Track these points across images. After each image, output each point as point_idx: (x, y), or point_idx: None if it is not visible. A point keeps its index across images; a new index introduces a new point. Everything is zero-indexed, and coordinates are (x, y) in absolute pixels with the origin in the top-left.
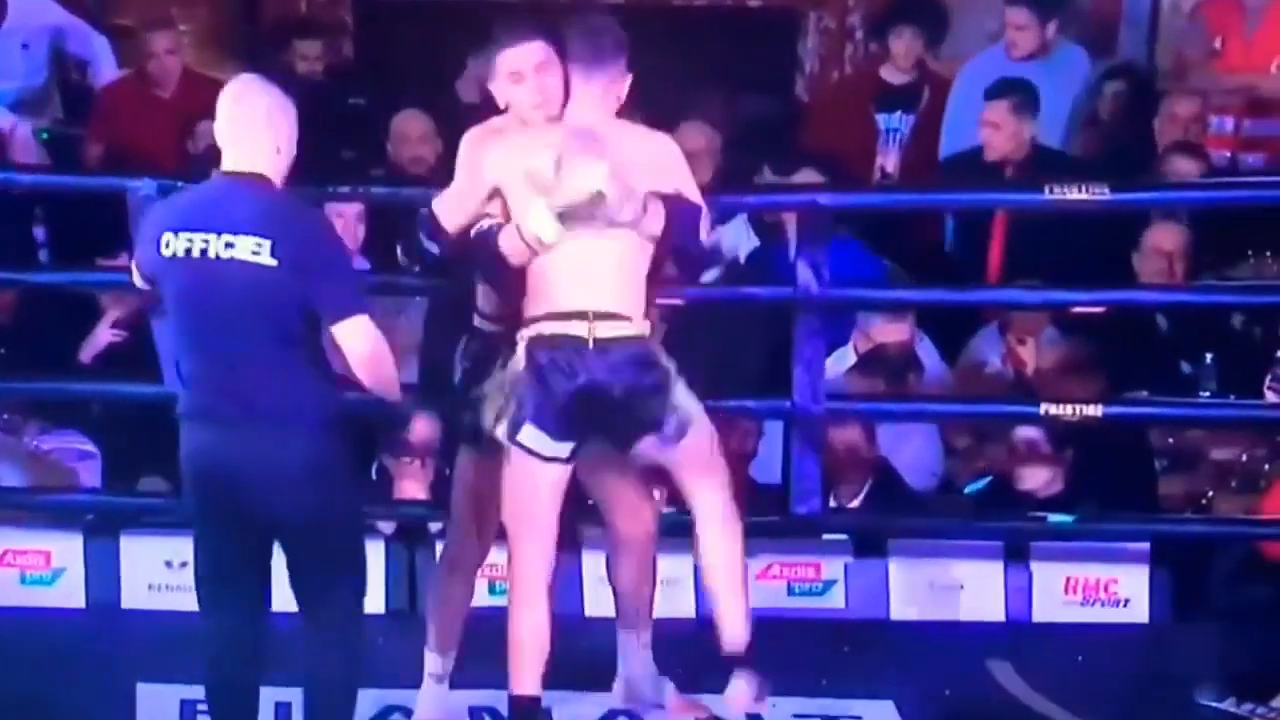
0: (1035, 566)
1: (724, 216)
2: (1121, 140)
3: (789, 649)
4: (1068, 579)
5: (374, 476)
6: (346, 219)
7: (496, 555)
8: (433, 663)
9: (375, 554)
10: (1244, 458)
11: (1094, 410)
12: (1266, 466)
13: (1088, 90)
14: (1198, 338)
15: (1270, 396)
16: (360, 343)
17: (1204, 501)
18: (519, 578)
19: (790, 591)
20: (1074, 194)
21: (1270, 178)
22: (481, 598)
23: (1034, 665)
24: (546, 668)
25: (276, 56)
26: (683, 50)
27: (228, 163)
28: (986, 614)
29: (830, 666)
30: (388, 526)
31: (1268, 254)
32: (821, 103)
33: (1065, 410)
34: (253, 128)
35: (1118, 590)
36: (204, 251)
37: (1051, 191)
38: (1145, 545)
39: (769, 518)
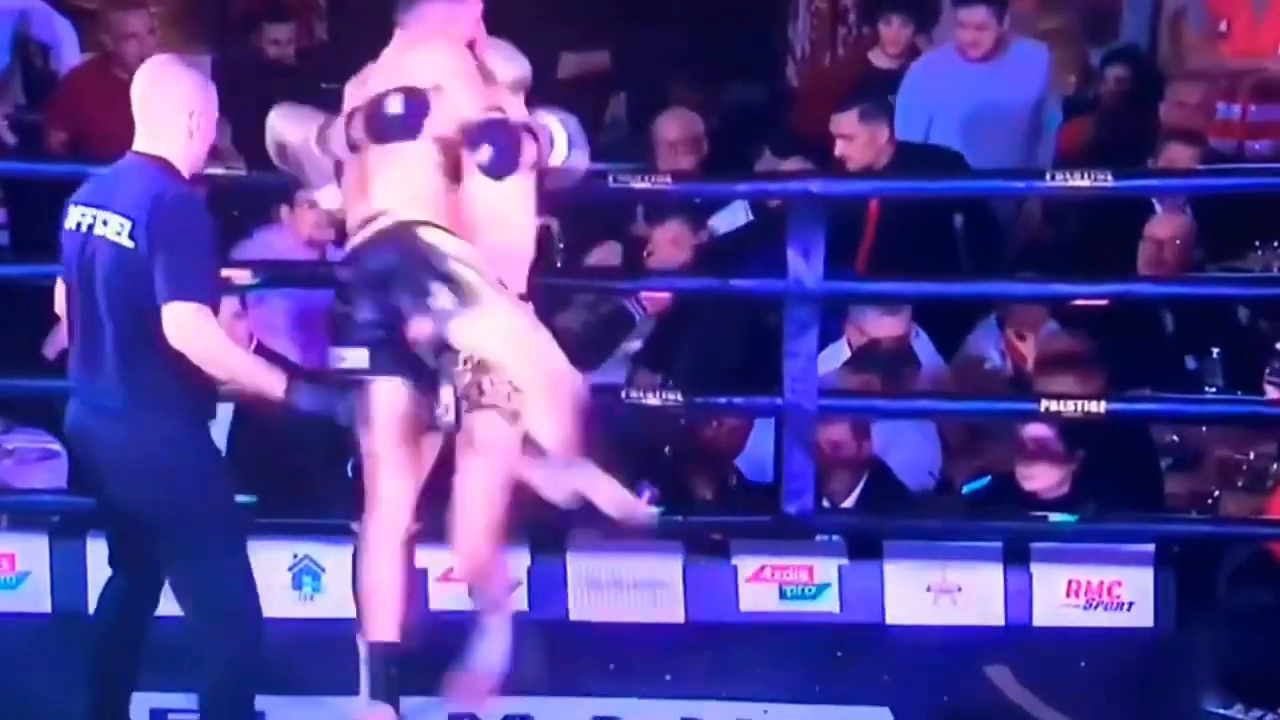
0: (1036, 568)
1: (717, 203)
2: (1122, 127)
3: (781, 654)
4: (1069, 581)
5: (350, 474)
6: (319, 209)
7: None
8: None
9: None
10: (1251, 455)
11: (1096, 406)
12: (1274, 465)
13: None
14: (1203, 332)
15: (1270, 391)
16: (177, 331)
17: (1210, 501)
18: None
19: (782, 595)
20: (1078, 180)
21: (1272, 164)
22: None
23: (1034, 670)
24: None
25: (247, 39)
26: (668, 32)
27: (136, 143)
28: (985, 618)
29: (824, 672)
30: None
31: (1275, 244)
32: (810, 89)
33: (1066, 407)
34: (161, 110)
35: (1121, 593)
36: (90, 227)
37: (1054, 178)
38: (1149, 547)
39: (760, 518)
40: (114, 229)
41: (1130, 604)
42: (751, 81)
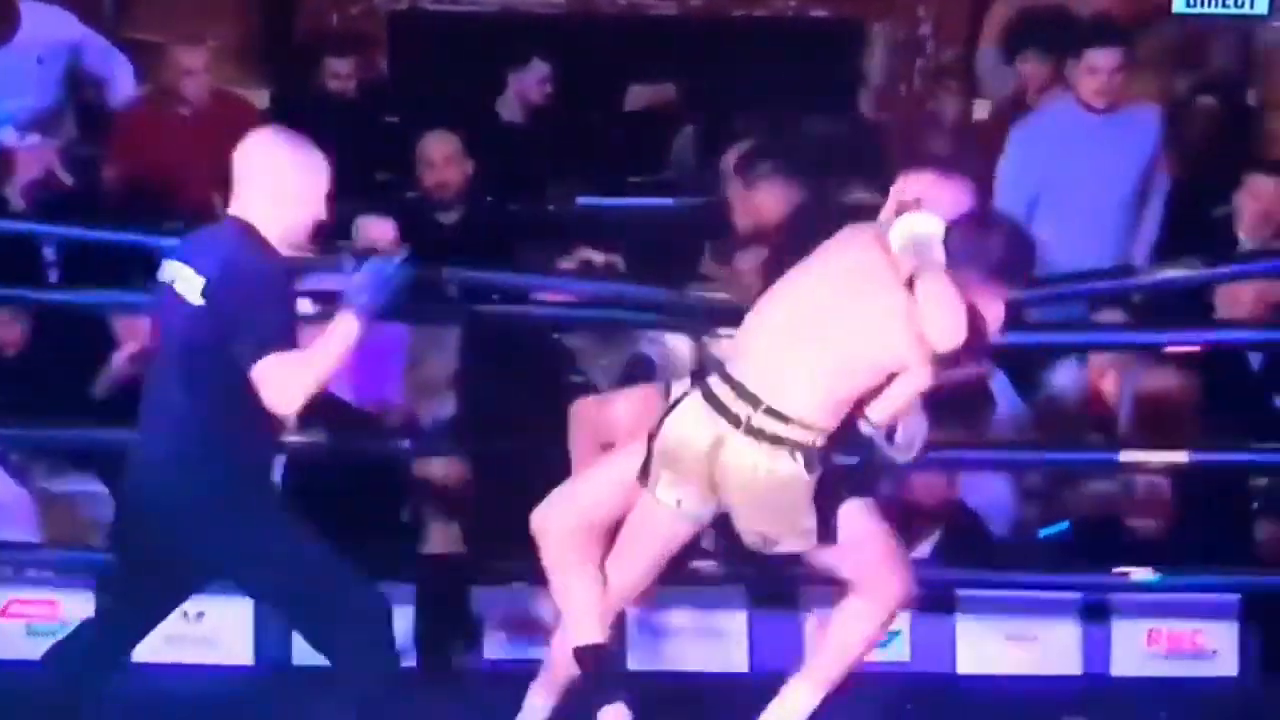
0: (1116, 619)
1: None
2: (1208, 161)
3: (849, 705)
4: (1150, 630)
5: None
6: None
7: None
8: None
9: (405, 606)
10: None
11: (1179, 457)
12: None
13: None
14: None
15: None
16: (270, 394)
17: None
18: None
19: None
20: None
21: None
22: None
23: None
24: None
25: (307, 74)
26: (734, 62)
27: (231, 205)
28: (1062, 668)
29: None
30: None
31: None
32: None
33: (1148, 458)
34: (250, 177)
35: (1204, 642)
36: (173, 281)
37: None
38: (1235, 596)
39: None
40: (189, 285)
41: (1214, 652)
42: (825, 113)
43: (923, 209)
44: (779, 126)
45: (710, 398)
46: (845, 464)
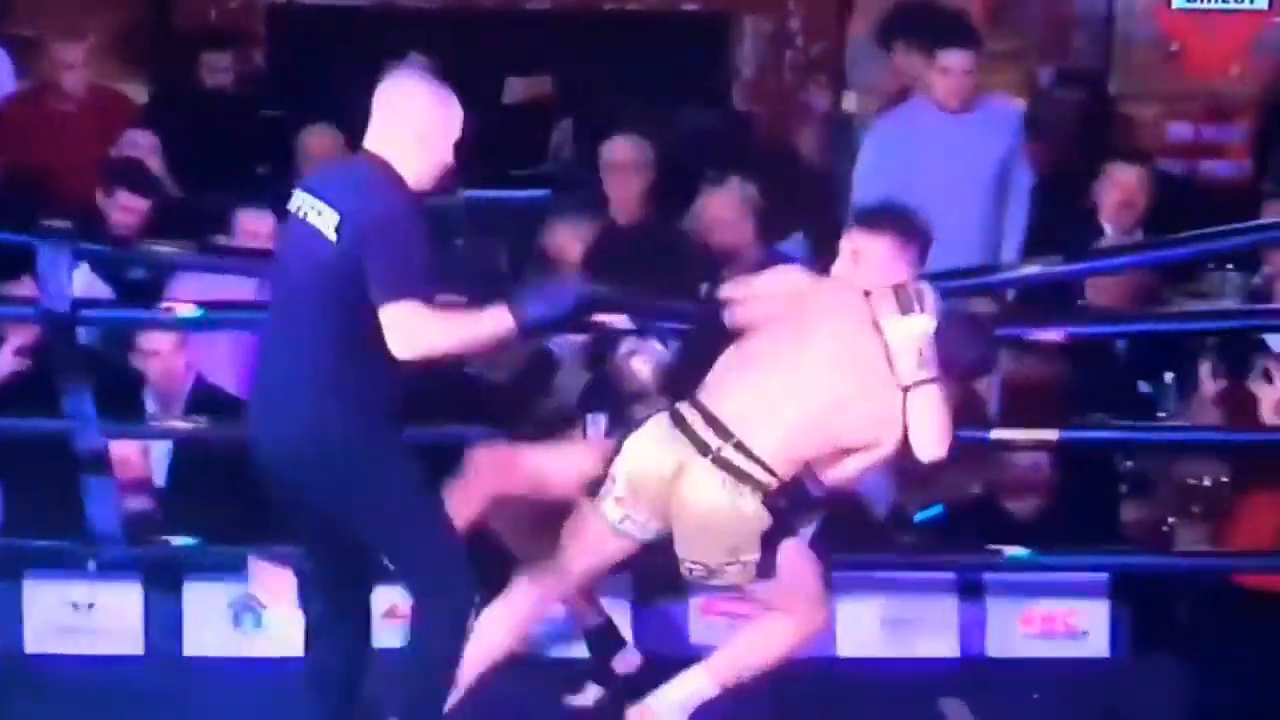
0: (990, 599)
1: None
2: (1072, 149)
3: (727, 690)
4: (1024, 612)
5: None
6: (261, 240)
7: None
8: None
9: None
10: (1206, 481)
11: (1048, 435)
12: (1230, 491)
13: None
14: (1156, 357)
15: (1205, 381)
16: (398, 338)
17: (1165, 529)
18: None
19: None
20: (1029, 269)
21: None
22: None
23: (989, 703)
24: None
25: (186, 68)
26: (611, 56)
27: (367, 139)
28: (939, 650)
29: (774, 708)
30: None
31: (1229, 266)
32: None
33: (1018, 437)
34: (391, 116)
35: (1076, 622)
36: (305, 215)
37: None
38: (1104, 576)
39: None
40: (320, 220)
41: (1085, 633)
42: (698, 105)
43: (870, 267)
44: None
45: (680, 423)
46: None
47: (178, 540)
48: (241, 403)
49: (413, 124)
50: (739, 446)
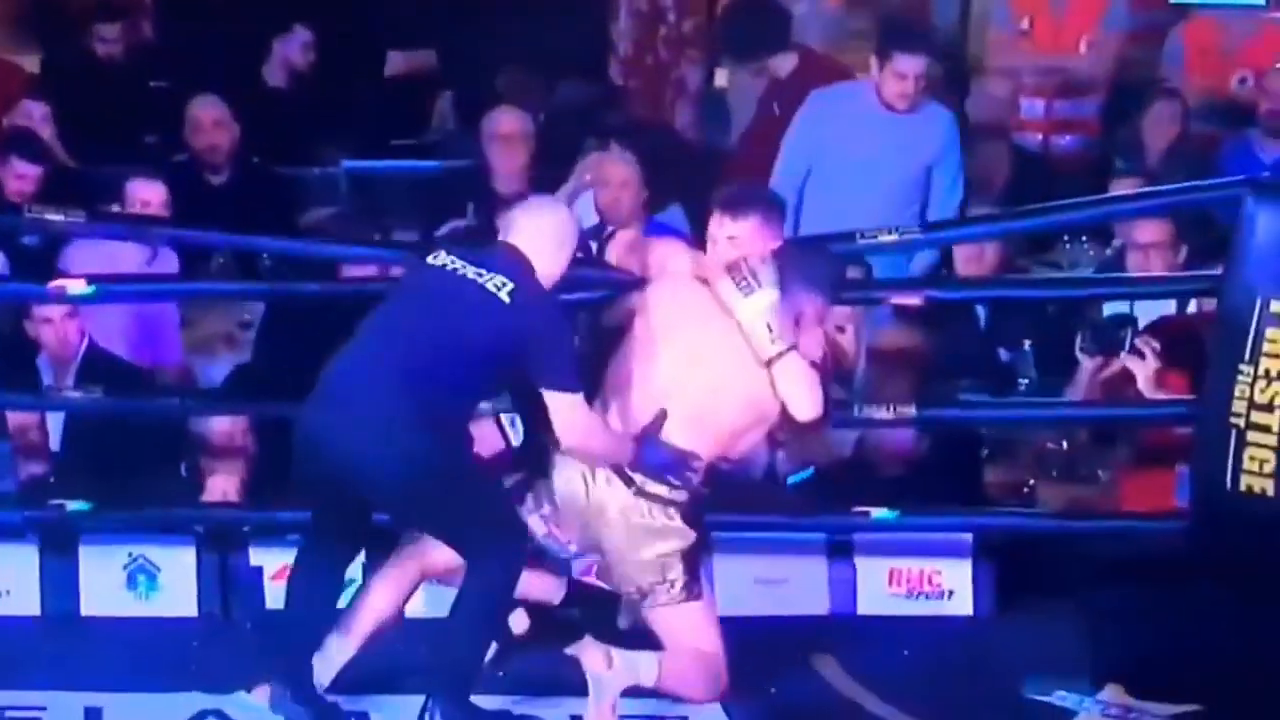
0: (859, 559)
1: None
2: None
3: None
4: (891, 571)
5: (184, 474)
6: (153, 208)
7: None
8: None
9: (187, 556)
10: (1064, 445)
11: (908, 411)
12: (1088, 454)
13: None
14: (1015, 325)
15: (1082, 360)
16: (563, 420)
17: (1026, 490)
18: None
19: None
20: (885, 237)
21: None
22: None
23: (859, 659)
24: None
25: (76, 39)
26: (494, 30)
27: (514, 238)
28: (810, 608)
29: None
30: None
31: (1083, 239)
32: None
33: (881, 412)
34: (538, 236)
35: (941, 582)
36: (456, 270)
37: (862, 237)
38: (968, 537)
39: None
40: (495, 284)
41: (950, 592)
42: (577, 78)
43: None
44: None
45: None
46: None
47: (72, 504)
48: (133, 367)
49: (564, 251)
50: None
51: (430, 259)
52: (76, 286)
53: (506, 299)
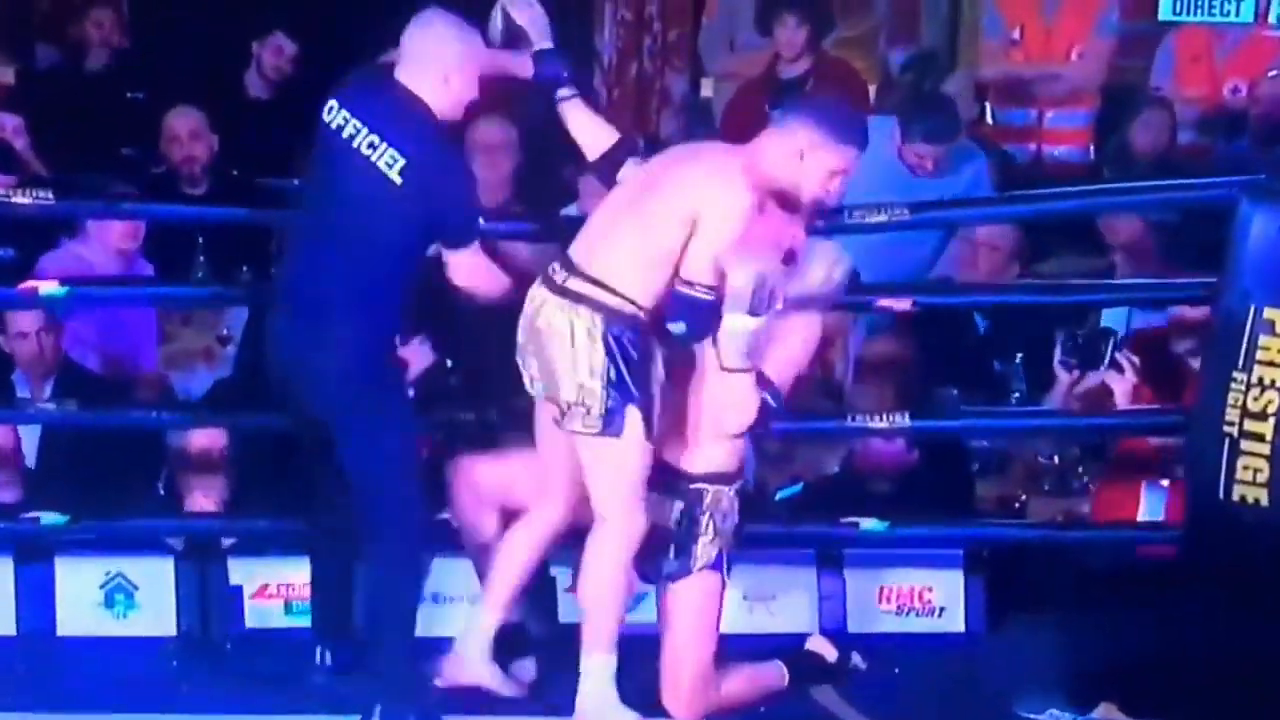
0: (850, 575)
1: None
2: None
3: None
4: (882, 588)
5: (161, 491)
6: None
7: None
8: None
9: (165, 573)
10: (1055, 459)
11: (902, 420)
12: (1079, 468)
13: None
14: (1010, 337)
15: (1060, 373)
16: (466, 276)
17: (1017, 505)
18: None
19: None
20: (874, 217)
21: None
22: None
23: (851, 677)
24: None
25: (51, 51)
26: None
27: (401, 72)
28: (800, 626)
29: (638, 684)
30: (177, 542)
31: (1074, 251)
32: (729, 106)
33: (873, 420)
34: (423, 52)
35: (933, 599)
36: (353, 139)
37: (851, 216)
38: (959, 552)
39: None
40: (385, 159)
41: (941, 609)
42: None
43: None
44: None
45: (544, 276)
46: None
47: (47, 517)
48: (109, 382)
49: (445, 66)
50: (582, 275)
51: (327, 117)
52: (48, 287)
53: (398, 179)
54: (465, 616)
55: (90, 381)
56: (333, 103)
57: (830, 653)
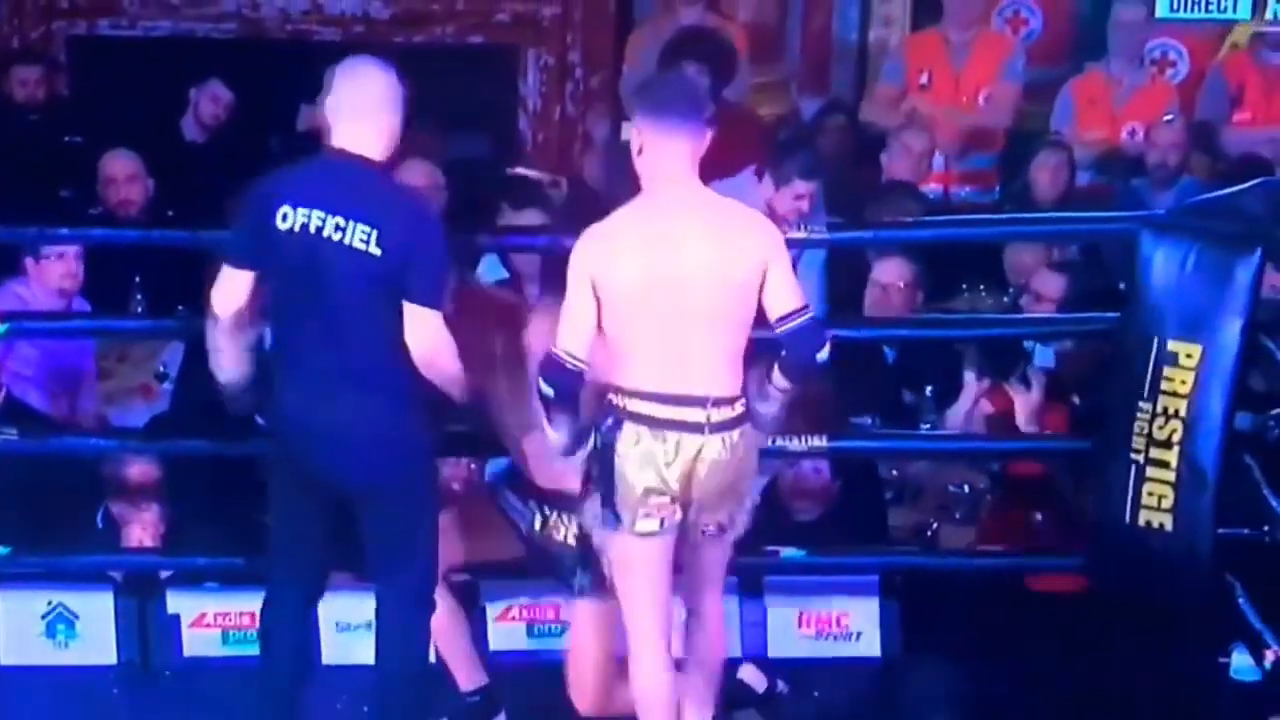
0: (770, 600)
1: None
2: (845, 174)
3: (530, 692)
4: (801, 613)
5: (100, 524)
6: (67, 259)
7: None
8: None
9: (105, 604)
10: (965, 489)
11: (820, 442)
12: (989, 497)
13: None
14: (918, 369)
15: (968, 378)
16: (424, 335)
17: (929, 533)
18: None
19: (530, 633)
20: (795, 234)
21: (975, 216)
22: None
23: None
24: None
25: None
26: (404, 83)
27: (337, 140)
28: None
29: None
30: (117, 574)
31: (981, 288)
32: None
33: (792, 443)
34: (358, 100)
35: (849, 623)
36: (318, 230)
37: None
38: (874, 578)
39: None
40: (356, 237)
41: (859, 634)
42: (486, 133)
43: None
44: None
45: (653, 423)
46: None
47: None
48: (47, 418)
49: (384, 114)
50: (716, 402)
51: (282, 224)
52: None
53: (376, 250)
54: None
55: (31, 416)
56: (285, 209)
57: (760, 683)
